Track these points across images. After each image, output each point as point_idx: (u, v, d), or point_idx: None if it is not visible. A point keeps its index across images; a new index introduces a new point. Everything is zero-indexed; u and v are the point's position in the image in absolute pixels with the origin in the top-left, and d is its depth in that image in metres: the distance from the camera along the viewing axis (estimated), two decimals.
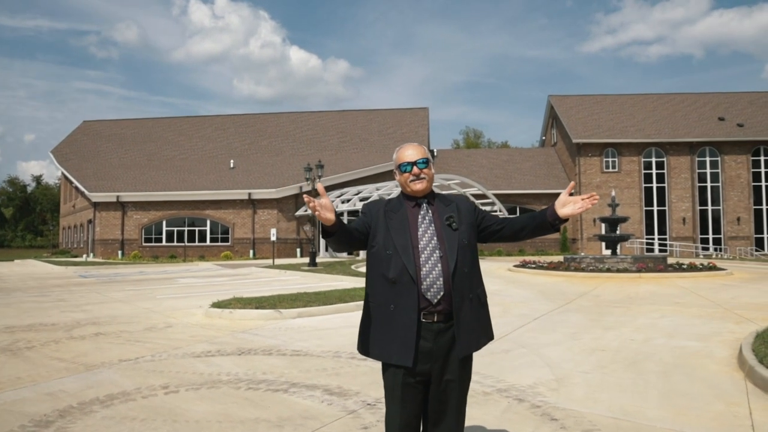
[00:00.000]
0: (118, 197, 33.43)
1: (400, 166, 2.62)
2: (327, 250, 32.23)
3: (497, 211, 30.41)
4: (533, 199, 36.46)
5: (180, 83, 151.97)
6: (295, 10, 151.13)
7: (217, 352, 6.28)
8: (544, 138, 45.53)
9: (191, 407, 4.26)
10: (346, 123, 43.57)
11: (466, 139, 76.87)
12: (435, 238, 2.50)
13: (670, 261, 18.53)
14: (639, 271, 15.45)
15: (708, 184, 35.90)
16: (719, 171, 35.85)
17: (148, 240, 34.02)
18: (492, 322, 2.66)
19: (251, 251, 33.02)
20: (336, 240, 2.53)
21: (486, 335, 2.63)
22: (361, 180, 34.74)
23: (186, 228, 33.88)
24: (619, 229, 19.42)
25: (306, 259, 27.02)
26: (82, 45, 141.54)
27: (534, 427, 3.78)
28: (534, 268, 17.89)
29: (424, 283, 2.43)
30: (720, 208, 35.69)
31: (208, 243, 33.73)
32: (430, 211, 2.58)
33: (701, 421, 3.88)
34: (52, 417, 4.05)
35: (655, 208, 35.89)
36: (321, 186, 2.59)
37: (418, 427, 2.54)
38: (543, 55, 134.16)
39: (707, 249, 34.93)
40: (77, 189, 36.89)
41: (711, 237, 35.56)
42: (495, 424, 3.83)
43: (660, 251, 34.13)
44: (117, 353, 6.27)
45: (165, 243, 33.82)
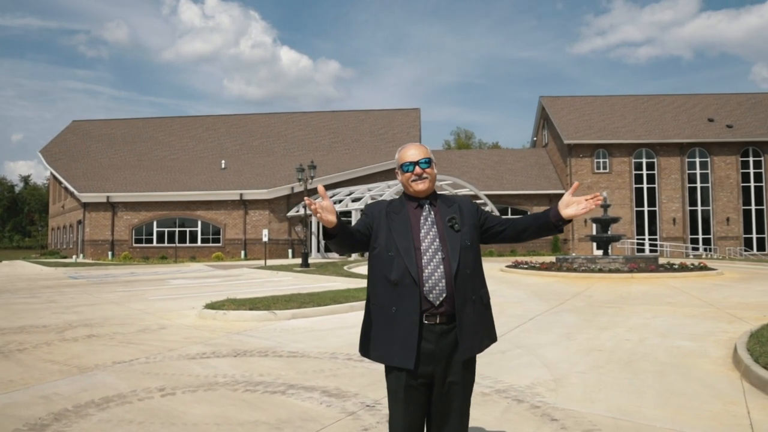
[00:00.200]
0: (108, 198, 33.18)
1: (402, 165, 2.59)
2: (319, 250, 32.15)
3: (490, 212, 30.47)
4: (525, 200, 36.60)
5: (170, 83, 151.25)
6: (286, 10, 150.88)
7: (213, 353, 6.23)
8: (535, 139, 45.69)
9: (189, 410, 4.22)
10: (337, 124, 43.49)
11: (457, 140, 77.05)
12: (437, 239, 2.48)
13: (660, 261, 18.63)
14: (631, 272, 15.53)
15: (698, 184, 36.21)
16: (709, 172, 36.17)
17: (138, 241, 33.78)
18: None
19: (243, 252, 32.88)
20: (337, 242, 2.50)
21: (489, 337, 2.61)
22: (353, 181, 34.69)
23: (177, 229, 33.67)
24: (611, 230, 19.50)
25: (298, 260, 26.96)
26: (71, 44, 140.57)
27: (535, 428, 3.77)
28: (526, 268, 17.94)
29: (426, 285, 2.40)
30: (709, 208, 36.01)
31: (199, 244, 33.55)
32: (432, 212, 2.55)
33: (700, 421, 3.89)
34: (47, 420, 3.99)
35: (646, 208, 36.14)
36: (322, 187, 2.56)
37: (421, 430, 2.51)
38: (533, 57, 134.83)
39: (697, 249, 35.22)
40: (66, 189, 36.57)
41: (701, 237, 35.87)
42: (495, 425, 3.82)
43: (650, 251, 34.36)
44: (111, 355, 6.21)
45: (156, 244, 33.60)
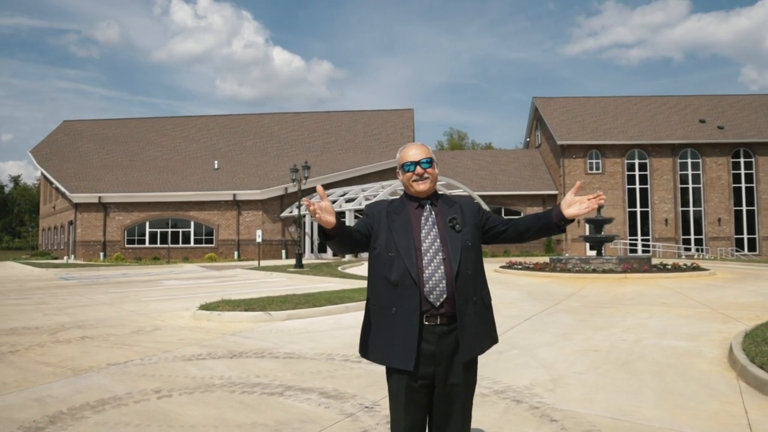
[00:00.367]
0: (99, 198, 32.97)
1: (403, 165, 2.57)
2: (312, 251, 32.08)
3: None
4: (518, 201, 36.69)
5: (162, 83, 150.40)
6: (279, 10, 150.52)
7: (208, 355, 6.19)
8: (528, 140, 45.82)
9: (186, 412, 4.18)
10: (331, 124, 43.43)
11: (450, 141, 77.11)
12: (438, 240, 2.46)
13: (653, 262, 18.71)
14: (624, 272, 15.58)
15: (690, 185, 36.42)
16: (700, 173, 36.39)
17: (130, 241, 33.60)
18: None
19: (236, 253, 32.76)
20: (337, 243, 2.48)
21: (490, 338, 2.60)
22: (347, 181, 34.65)
23: (169, 229, 33.51)
24: (604, 231, 19.57)
25: (292, 261, 26.91)
26: (62, 44, 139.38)
27: (535, 429, 3.76)
28: (520, 269, 17.97)
29: (426, 286, 2.38)
30: (701, 209, 36.22)
31: (192, 245, 33.40)
32: (433, 213, 2.53)
33: (699, 421, 3.89)
34: (42, 423, 3.94)
35: (638, 209, 36.31)
36: (321, 188, 2.54)
37: (423, 431, 2.49)
38: (526, 58, 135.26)
39: (689, 250, 35.41)
40: (58, 190, 36.31)
41: (693, 238, 36.07)
42: (495, 426, 3.80)
43: (643, 252, 34.51)
44: (105, 357, 6.15)
45: (148, 245, 33.43)
